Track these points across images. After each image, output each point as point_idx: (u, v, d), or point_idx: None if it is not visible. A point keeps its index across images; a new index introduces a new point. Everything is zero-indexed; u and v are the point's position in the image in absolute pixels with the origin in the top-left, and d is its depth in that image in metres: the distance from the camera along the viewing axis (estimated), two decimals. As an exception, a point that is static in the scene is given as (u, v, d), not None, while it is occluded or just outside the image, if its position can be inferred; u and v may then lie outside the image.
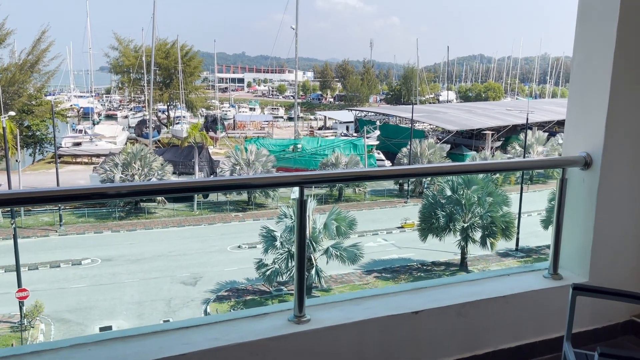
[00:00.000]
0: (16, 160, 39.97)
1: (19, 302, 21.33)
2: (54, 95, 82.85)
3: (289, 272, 23.96)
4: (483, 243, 28.13)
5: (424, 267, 29.63)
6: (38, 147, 58.70)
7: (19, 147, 40.09)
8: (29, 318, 21.27)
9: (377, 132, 57.75)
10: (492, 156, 48.00)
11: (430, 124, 62.92)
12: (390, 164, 51.41)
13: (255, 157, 39.18)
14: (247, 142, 50.31)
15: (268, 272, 23.97)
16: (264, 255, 24.52)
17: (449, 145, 56.43)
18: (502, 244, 29.82)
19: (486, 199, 27.94)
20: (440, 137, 59.58)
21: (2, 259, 27.23)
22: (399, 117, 66.95)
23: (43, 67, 57.66)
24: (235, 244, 31.72)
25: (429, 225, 28.84)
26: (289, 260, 23.88)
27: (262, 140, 52.93)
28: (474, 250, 29.43)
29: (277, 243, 24.08)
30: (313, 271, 24.23)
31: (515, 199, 31.57)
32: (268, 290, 25.92)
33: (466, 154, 53.83)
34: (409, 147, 44.79)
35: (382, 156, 54.07)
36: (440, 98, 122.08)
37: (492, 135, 58.80)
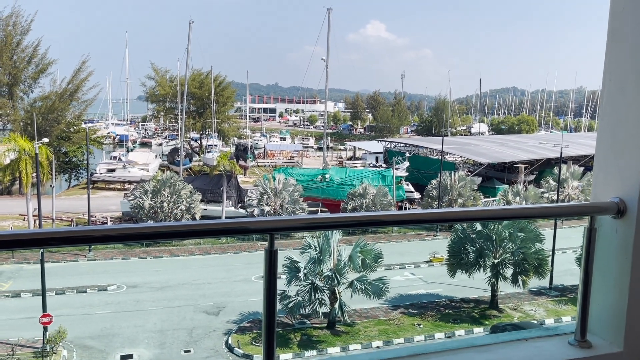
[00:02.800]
0: (50, 186, 40.91)
1: (43, 327, 21.41)
2: (92, 123, 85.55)
3: (312, 305, 23.44)
4: (515, 281, 27.06)
5: (453, 304, 28.62)
6: (74, 173, 60.31)
7: (54, 173, 41.09)
8: (52, 344, 21.28)
9: (407, 164, 57.19)
10: (525, 190, 46.68)
11: (461, 156, 62.00)
12: (420, 196, 50.59)
13: (282, 186, 39.13)
14: (276, 171, 50.45)
15: (291, 305, 23.51)
16: (287, 287, 24.11)
17: (480, 178, 55.38)
18: (535, 282, 28.64)
19: (518, 235, 26.98)
20: (471, 170, 58.58)
21: (31, 283, 27.57)
22: (429, 148, 66.26)
23: (82, 95, 59.79)
24: (260, 273, 31.07)
25: (458, 260, 27.95)
26: (313, 293, 23.41)
27: (290, 170, 53.00)
28: (505, 287, 28.33)
29: (301, 274, 23.67)
30: (337, 305, 23.66)
31: (548, 235, 30.46)
32: (291, 322, 25.40)
33: (498, 187, 52.61)
34: (438, 179, 44.05)
35: (411, 187, 53.31)
36: (472, 130, 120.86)
37: (525, 168, 57.47)
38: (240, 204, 42.75)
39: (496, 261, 26.97)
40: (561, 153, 41.40)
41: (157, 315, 25.92)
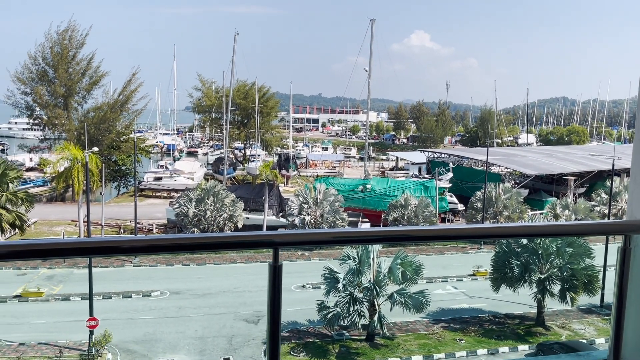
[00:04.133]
0: (100, 193, 42.40)
1: (89, 330, 22.10)
2: (141, 132, 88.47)
3: (351, 317, 23.25)
4: (562, 297, 25.99)
5: (497, 320, 27.77)
6: (123, 181, 62.39)
7: (103, 181, 42.59)
8: (97, 347, 21.93)
9: (450, 175, 56.21)
10: (575, 203, 44.97)
11: (507, 168, 60.46)
12: (463, 207, 49.56)
13: (323, 196, 39.17)
14: (317, 181, 50.59)
15: (329, 315, 23.39)
16: (326, 298, 24.01)
17: (526, 190, 53.80)
18: (584, 299, 27.43)
19: (566, 250, 25.96)
20: (517, 182, 57.00)
21: (81, 287, 28.54)
22: (474, 159, 64.95)
23: (132, 106, 61.83)
24: (300, 283, 31.46)
25: (503, 275, 27.12)
26: (352, 304, 23.23)
27: (331, 180, 53.04)
28: (552, 304, 27.27)
29: (340, 285, 23.54)
30: (376, 317, 23.38)
31: (599, 250, 29.17)
32: (329, 333, 25.27)
33: (546, 199, 50.93)
34: (483, 190, 43.05)
35: (454, 199, 52.33)
36: (519, 141, 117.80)
37: (575, 180, 55.43)
38: (281, 213, 43.06)
39: (543, 276, 26.01)
40: (613, 165, 39.72)
41: (198, 322, 26.32)
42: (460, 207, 51.03)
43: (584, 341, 24.95)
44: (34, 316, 26.12)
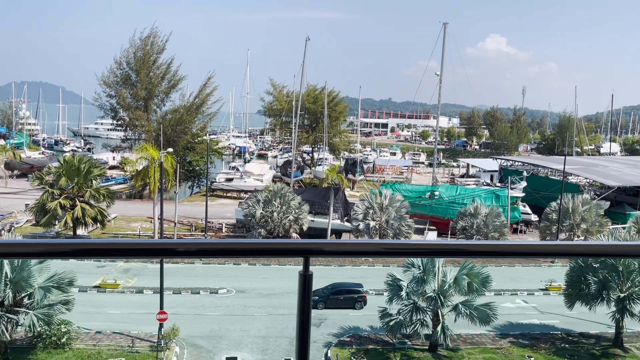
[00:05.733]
0: (174, 192, 44.29)
1: (159, 323, 23.10)
2: (214, 134, 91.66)
3: (413, 326, 22.84)
4: (644, 318, 24.19)
5: (570, 338, 26.30)
6: (196, 181, 64.89)
7: (178, 180, 44.44)
8: (166, 340, 22.87)
9: (524, 184, 53.90)
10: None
11: (586, 178, 57.19)
12: (537, 218, 47.40)
13: (389, 202, 38.79)
14: (384, 186, 50.16)
15: (392, 323, 23.11)
16: (389, 305, 23.74)
17: (607, 203, 50.60)
18: (670, 322, 25.38)
19: (650, 268, 24.13)
20: (598, 193, 53.76)
21: (153, 281, 29.92)
22: (550, 168, 61.98)
23: (206, 109, 64.24)
24: (365, 287, 31.29)
25: (578, 291, 25.64)
26: (415, 313, 22.82)
27: (398, 186, 52.41)
28: (632, 325, 25.46)
29: (403, 293, 23.20)
30: (439, 327, 22.82)
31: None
32: (391, 341, 24.94)
33: (629, 213, 47.63)
34: (559, 201, 40.94)
35: (528, 209, 50.17)
36: (602, 150, 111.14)
37: (664, 194, 51.51)
38: (346, 218, 43.07)
39: (623, 295, 24.33)
40: None
41: (262, 322, 26.83)
42: (534, 217, 48.83)
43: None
44: (110, 306, 27.68)
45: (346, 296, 28.93)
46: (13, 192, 52.11)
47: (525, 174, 58.22)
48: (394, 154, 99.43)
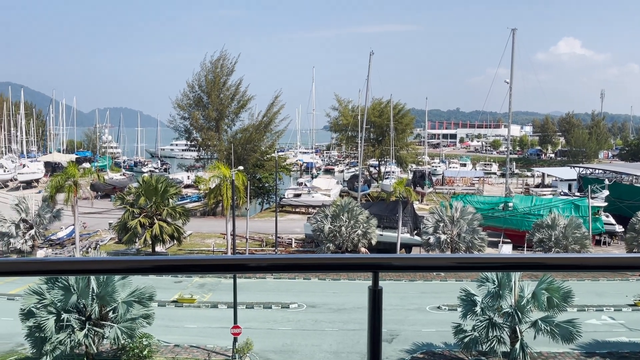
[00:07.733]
0: (245, 209, 45.51)
1: (233, 337, 23.66)
2: (282, 151, 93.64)
3: (490, 343, 21.98)
4: None
5: (665, 358, 24.31)
6: (266, 197, 66.36)
7: (249, 197, 45.65)
8: (240, 354, 23.38)
9: (606, 192, 50.82)
10: None
11: (677, 185, 53.11)
12: (622, 229, 44.46)
13: (460, 214, 37.79)
14: (454, 198, 48.98)
15: (466, 339, 22.36)
16: (463, 321, 23.01)
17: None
18: None
19: None
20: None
21: (227, 296, 30.74)
22: (635, 175, 58.08)
23: (274, 127, 65.82)
24: (435, 304, 30.58)
25: (672, 307, 23.74)
26: (490, 329, 21.97)
27: (469, 197, 50.98)
28: None
29: (477, 309, 22.42)
30: (518, 345, 21.82)
31: None
32: (467, 359, 24.12)
33: None
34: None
35: (611, 219, 47.19)
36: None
37: None
38: (415, 231, 42.39)
39: None
40: None
41: (333, 337, 26.79)
42: (619, 228, 45.85)
43: None
44: (187, 320, 28.70)
45: None
46: (98, 212, 55.51)
47: (607, 182, 54.89)
48: (464, 164, 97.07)
